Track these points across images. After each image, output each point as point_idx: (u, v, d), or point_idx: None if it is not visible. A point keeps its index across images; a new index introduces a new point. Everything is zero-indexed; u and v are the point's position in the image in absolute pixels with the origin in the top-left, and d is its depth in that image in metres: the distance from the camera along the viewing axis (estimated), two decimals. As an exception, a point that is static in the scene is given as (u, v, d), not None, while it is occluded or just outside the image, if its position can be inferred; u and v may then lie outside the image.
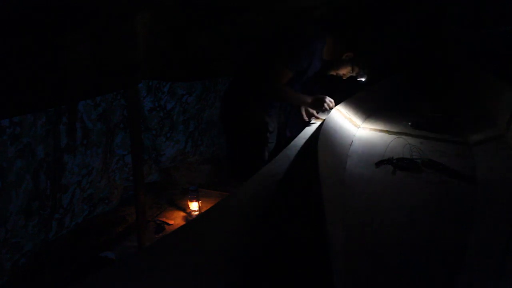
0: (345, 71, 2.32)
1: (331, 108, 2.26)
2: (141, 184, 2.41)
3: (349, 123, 2.40)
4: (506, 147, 1.98)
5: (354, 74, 2.35)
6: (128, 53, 2.09)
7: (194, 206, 2.92)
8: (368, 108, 2.84)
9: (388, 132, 2.39)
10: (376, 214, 1.40)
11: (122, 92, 2.40)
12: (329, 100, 2.22)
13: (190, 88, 2.97)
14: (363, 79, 2.41)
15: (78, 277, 2.16)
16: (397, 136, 2.29)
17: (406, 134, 2.35)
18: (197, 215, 1.34)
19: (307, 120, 2.44)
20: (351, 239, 1.22)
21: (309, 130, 2.30)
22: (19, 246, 1.92)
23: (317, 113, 2.47)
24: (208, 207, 1.32)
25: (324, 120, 2.17)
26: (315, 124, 2.37)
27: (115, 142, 2.53)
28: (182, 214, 2.96)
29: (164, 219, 2.86)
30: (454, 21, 3.98)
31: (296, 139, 2.13)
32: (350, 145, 2.13)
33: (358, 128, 2.45)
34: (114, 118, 2.44)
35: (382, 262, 1.12)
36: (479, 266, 1.07)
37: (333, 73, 2.36)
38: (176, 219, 2.88)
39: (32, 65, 1.63)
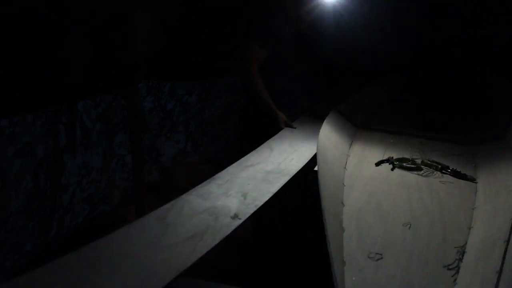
0: (306, 13, 2.26)
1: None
2: (141, 184, 2.41)
3: (349, 123, 2.40)
4: (506, 147, 1.98)
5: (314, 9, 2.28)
6: (128, 53, 2.10)
7: (194, 206, 2.91)
8: (368, 108, 2.84)
9: (388, 132, 2.38)
10: (376, 214, 1.40)
11: (122, 92, 2.40)
12: (284, 124, 2.18)
13: (190, 88, 2.98)
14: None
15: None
16: (397, 136, 2.28)
17: (406, 134, 2.35)
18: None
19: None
20: (351, 239, 1.22)
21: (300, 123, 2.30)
22: (19, 246, 1.92)
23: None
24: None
25: (324, 120, 2.17)
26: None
27: (115, 142, 2.53)
28: (182, 214, 2.95)
29: (164, 219, 2.86)
30: (454, 21, 3.98)
31: (282, 131, 2.13)
32: (350, 145, 2.12)
33: (358, 128, 2.45)
34: (114, 118, 2.44)
35: (382, 262, 1.11)
36: (479, 266, 1.07)
37: (305, 18, 2.30)
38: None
39: (32, 65, 1.63)
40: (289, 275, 2.13)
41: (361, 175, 1.73)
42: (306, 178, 1.90)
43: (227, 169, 1.57)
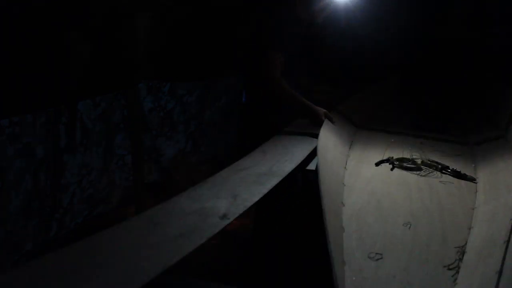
0: (317, 14, 2.26)
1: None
2: (141, 184, 2.41)
3: (349, 123, 2.40)
4: (506, 147, 1.98)
5: (325, 10, 2.27)
6: (128, 53, 2.10)
7: (194, 206, 2.91)
8: (368, 108, 2.84)
9: (388, 132, 2.38)
10: (376, 214, 1.40)
11: (122, 92, 2.40)
12: (324, 115, 2.15)
13: (190, 88, 2.98)
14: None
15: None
16: (397, 136, 2.29)
17: (406, 134, 2.35)
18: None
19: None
20: (351, 239, 1.22)
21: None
22: (19, 246, 1.92)
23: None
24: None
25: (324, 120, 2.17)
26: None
27: (115, 142, 2.53)
28: (182, 214, 2.95)
29: (164, 219, 2.86)
30: (456, 21, 3.98)
31: (275, 137, 2.13)
32: (350, 145, 2.12)
33: (358, 128, 2.45)
34: (114, 118, 2.44)
35: (382, 262, 1.11)
36: (479, 266, 1.07)
37: (308, 18, 2.29)
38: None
39: (32, 65, 1.63)
40: (289, 275, 2.13)
41: (361, 175, 1.73)
42: (304, 178, 1.89)
43: (219, 173, 1.57)
